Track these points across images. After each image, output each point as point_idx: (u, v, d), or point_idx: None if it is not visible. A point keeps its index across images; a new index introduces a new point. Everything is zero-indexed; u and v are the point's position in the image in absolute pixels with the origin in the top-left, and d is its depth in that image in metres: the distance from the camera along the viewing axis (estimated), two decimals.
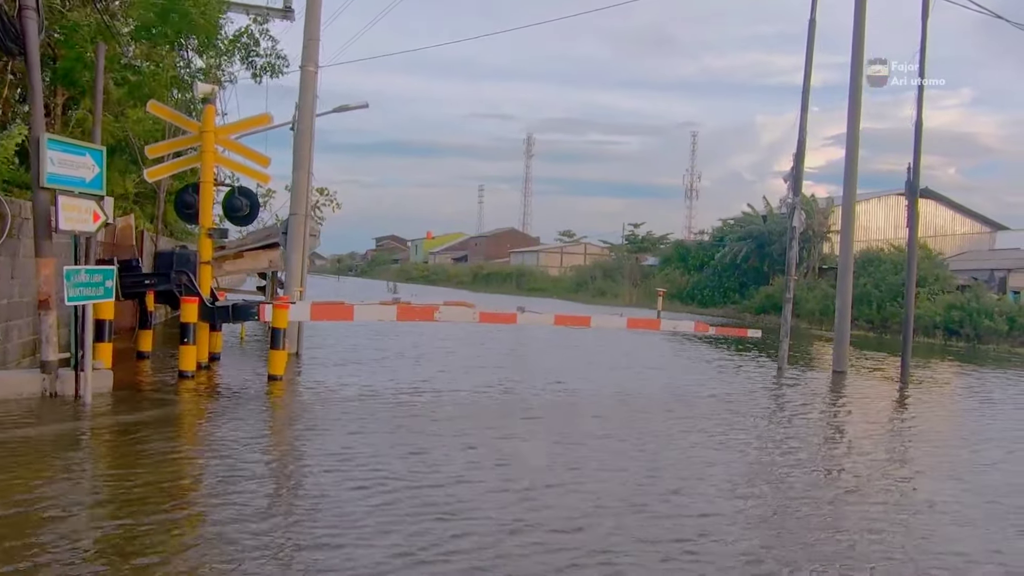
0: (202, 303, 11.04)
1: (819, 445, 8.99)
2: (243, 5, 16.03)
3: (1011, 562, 5.26)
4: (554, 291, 56.54)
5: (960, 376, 17.35)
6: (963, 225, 43.49)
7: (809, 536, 5.56)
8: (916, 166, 15.57)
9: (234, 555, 4.56)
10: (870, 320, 30.35)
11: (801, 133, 16.22)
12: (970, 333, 27.14)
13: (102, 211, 9.22)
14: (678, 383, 13.72)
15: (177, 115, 12.06)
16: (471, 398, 10.75)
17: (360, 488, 6.02)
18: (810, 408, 11.67)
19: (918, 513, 6.32)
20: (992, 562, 5.25)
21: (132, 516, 5.11)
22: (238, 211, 12.56)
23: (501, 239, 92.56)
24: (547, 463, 7.18)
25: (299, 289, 13.75)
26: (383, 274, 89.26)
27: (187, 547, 4.72)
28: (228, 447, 7.21)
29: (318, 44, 14.10)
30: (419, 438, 7.90)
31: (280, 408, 9.51)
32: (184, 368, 10.57)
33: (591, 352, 17.69)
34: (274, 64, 14.51)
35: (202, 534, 4.97)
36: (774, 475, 7.32)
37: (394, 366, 13.35)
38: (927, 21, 16.13)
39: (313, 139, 14.25)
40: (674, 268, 49.65)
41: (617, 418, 9.92)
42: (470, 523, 5.37)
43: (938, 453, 8.80)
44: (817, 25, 16.10)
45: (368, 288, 50.44)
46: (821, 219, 38.85)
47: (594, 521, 5.55)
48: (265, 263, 19.11)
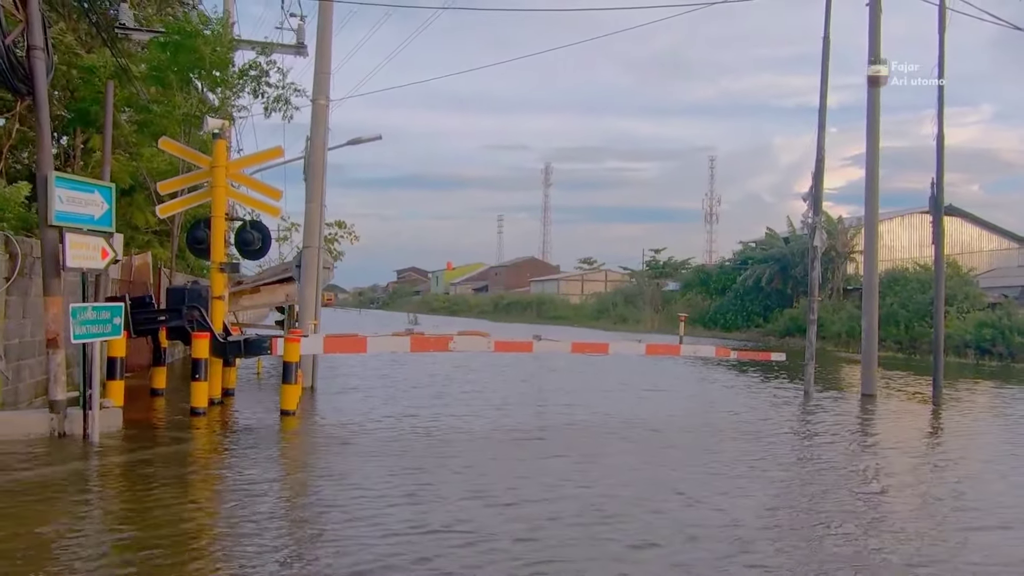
0: (214, 338, 10.93)
1: (848, 472, 8.59)
2: (255, 42, 16.19)
3: None
4: (575, 319, 56.17)
5: (996, 397, 16.74)
6: (990, 242, 42.66)
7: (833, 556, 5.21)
8: (940, 180, 15.22)
9: None
10: (898, 341, 29.65)
11: (819, 151, 15.95)
12: (1003, 351, 26.36)
13: (111, 248, 9.18)
14: (702, 410, 13.32)
15: (188, 150, 12.09)
16: (488, 433, 10.47)
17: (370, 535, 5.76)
18: (839, 435, 11.23)
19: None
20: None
21: (131, 563, 4.90)
22: (250, 245, 12.51)
23: (521, 268, 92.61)
24: (591, 503, 6.84)
25: (313, 322, 13.63)
26: (405, 306, 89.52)
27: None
28: (232, 487, 7.02)
29: (329, 78, 14.17)
30: (437, 485, 7.63)
31: (290, 447, 9.30)
32: (196, 405, 10.43)
33: (615, 379, 17.34)
34: (287, 97, 14.59)
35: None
36: (802, 508, 6.95)
37: (410, 398, 13.10)
38: (944, 35, 15.91)
39: (325, 172, 14.23)
40: (696, 293, 49.17)
41: (643, 446, 9.57)
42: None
43: (978, 486, 8.37)
44: (832, 44, 15.90)
45: (389, 320, 50.47)
46: (845, 239, 38.31)
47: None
48: (282, 297, 19.11)
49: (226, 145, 12.26)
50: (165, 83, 13.90)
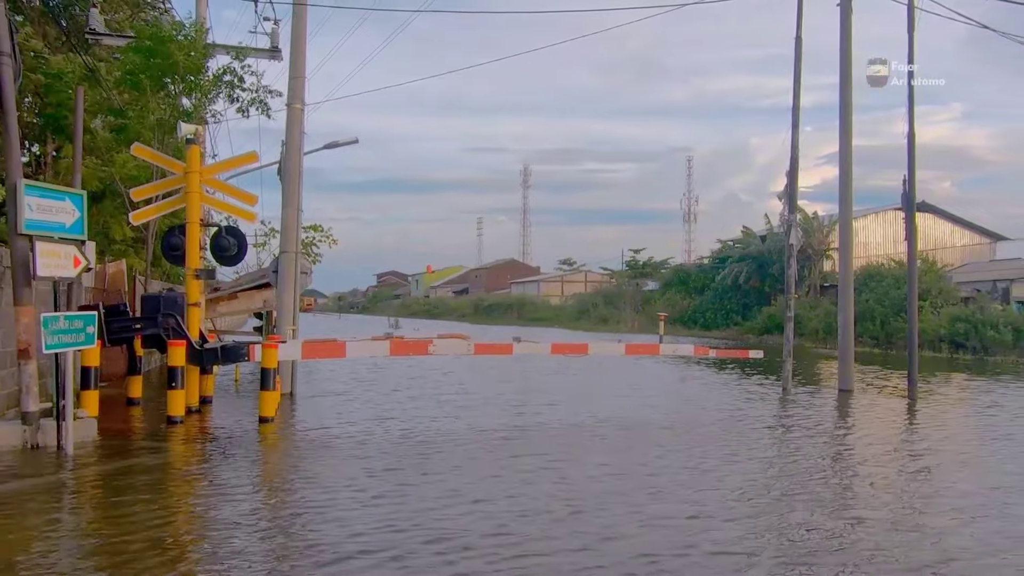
0: (190, 346, 10.82)
1: (826, 467, 8.68)
2: (229, 47, 16.05)
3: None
4: (556, 320, 56.27)
5: (969, 390, 17.01)
6: (962, 237, 43.35)
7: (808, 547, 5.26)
8: (911, 178, 15.42)
9: None
10: (874, 336, 30.04)
11: (793, 151, 16.13)
12: (976, 345, 26.81)
13: (83, 256, 9.05)
14: (682, 408, 13.40)
15: (161, 156, 11.96)
16: (466, 434, 10.45)
17: (351, 544, 5.73)
18: (816, 430, 11.34)
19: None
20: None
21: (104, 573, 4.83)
22: (226, 251, 12.38)
23: (501, 270, 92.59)
24: (570, 498, 6.88)
25: (292, 328, 13.54)
26: (385, 310, 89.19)
27: None
28: (210, 497, 6.94)
29: (304, 82, 14.07)
30: (417, 487, 7.61)
31: (269, 454, 9.22)
32: (172, 413, 10.30)
33: (596, 379, 17.38)
34: (262, 99, 14.46)
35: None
36: (781, 501, 7.02)
37: (390, 402, 13.05)
38: (913, 35, 16.12)
39: (302, 176, 14.14)
40: (675, 292, 49.51)
41: (620, 444, 9.61)
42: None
43: (952, 475, 8.50)
44: (804, 44, 16.08)
45: (370, 324, 50.17)
46: (820, 237, 38.76)
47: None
48: (260, 303, 18.95)
49: (200, 150, 12.14)
50: (139, 88, 13.75)
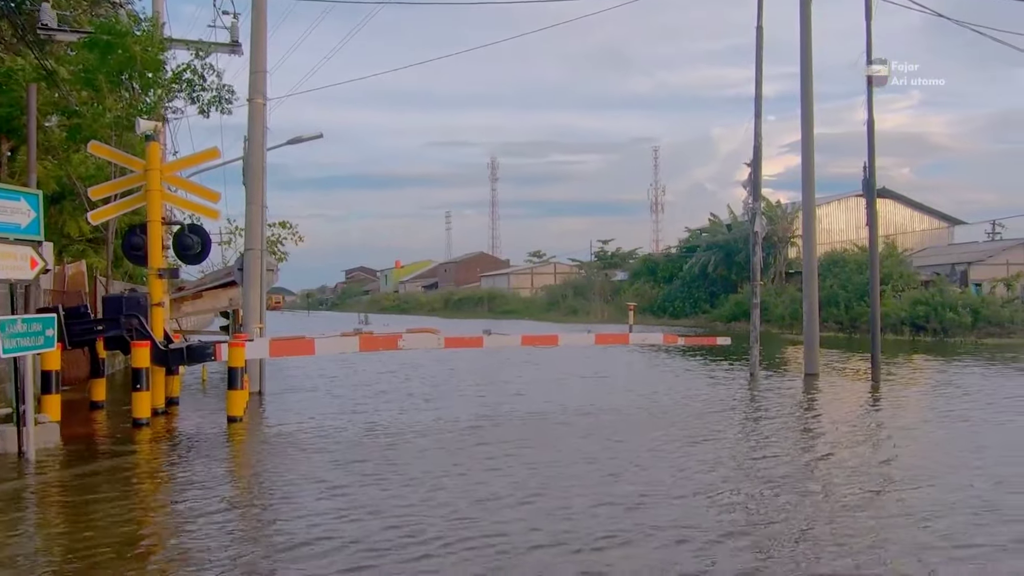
0: (154, 346, 10.64)
1: (791, 448, 8.84)
2: (188, 41, 15.75)
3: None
4: (526, 312, 56.39)
5: (928, 371, 17.44)
6: (921, 222, 44.31)
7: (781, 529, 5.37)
8: (871, 165, 15.70)
9: None
10: (839, 321, 30.60)
11: (757, 139, 16.32)
12: (936, 327, 27.47)
13: (40, 257, 8.82)
14: (650, 394, 13.52)
15: (119, 154, 11.70)
16: (434, 425, 10.44)
17: (321, 544, 5.70)
18: (783, 413, 11.54)
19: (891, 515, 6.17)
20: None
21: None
22: (189, 249, 12.18)
23: (471, 264, 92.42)
24: (544, 487, 6.91)
25: (259, 326, 13.39)
26: (355, 306, 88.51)
27: None
28: (177, 499, 6.86)
29: (265, 76, 13.89)
30: (382, 477, 7.59)
31: (237, 453, 9.12)
32: (138, 415, 10.12)
33: (566, 369, 17.47)
34: (222, 97, 14.20)
35: None
36: (750, 480, 7.14)
37: (359, 397, 12.99)
38: (871, 23, 16.39)
39: (265, 173, 13.96)
40: (644, 282, 49.92)
41: (595, 431, 9.68)
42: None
43: (910, 451, 8.71)
44: (765, 34, 16.26)
45: (339, 321, 49.74)
46: (785, 224, 39.32)
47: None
48: (225, 302, 18.74)
49: (160, 147, 11.92)
50: (95, 86, 13.42)
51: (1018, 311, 28.05)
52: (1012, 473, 7.45)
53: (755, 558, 5.13)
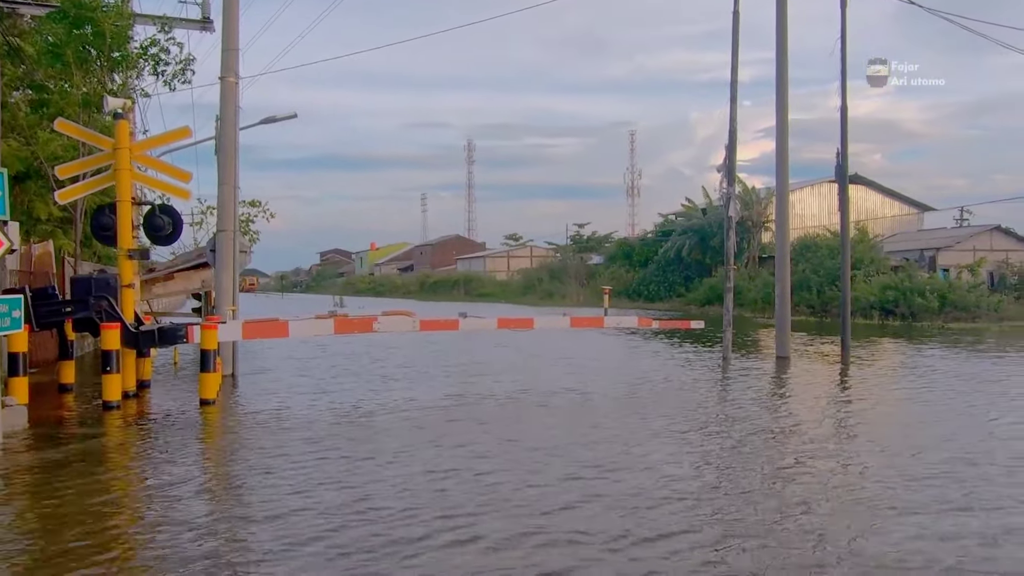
0: (125, 328, 10.49)
1: (760, 429, 8.98)
2: (156, 17, 15.41)
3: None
4: (502, 295, 56.43)
5: (896, 354, 17.78)
6: (892, 208, 44.93)
7: (744, 511, 5.47)
8: (844, 151, 15.88)
9: None
10: (811, 305, 31.01)
11: (732, 124, 16.40)
12: (905, 312, 27.96)
13: (6, 237, 8.63)
14: (623, 377, 13.64)
15: (87, 132, 11.47)
16: (406, 408, 10.44)
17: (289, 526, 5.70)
18: (754, 394, 11.71)
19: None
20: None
21: (40, 566, 4.70)
22: (160, 230, 12.01)
23: (447, 246, 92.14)
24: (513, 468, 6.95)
25: (231, 308, 13.25)
26: (329, 288, 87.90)
27: None
28: (148, 482, 6.81)
29: (238, 54, 13.64)
30: (353, 459, 7.59)
31: (209, 435, 9.06)
32: (108, 398, 9.99)
33: (542, 353, 17.54)
34: (184, 69, 13.93)
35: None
36: (720, 460, 7.25)
37: (334, 380, 12.94)
38: (845, 10, 16.51)
39: (238, 153, 13.74)
40: (619, 266, 50.14)
41: (570, 414, 9.75)
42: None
43: (875, 433, 8.90)
44: (741, 19, 16.29)
45: (314, 303, 49.35)
46: (759, 209, 39.67)
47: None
48: (198, 283, 18.51)
49: (129, 126, 11.69)
50: (63, 61, 13.09)
51: (983, 296, 28.65)
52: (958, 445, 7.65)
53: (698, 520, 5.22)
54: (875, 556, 4.86)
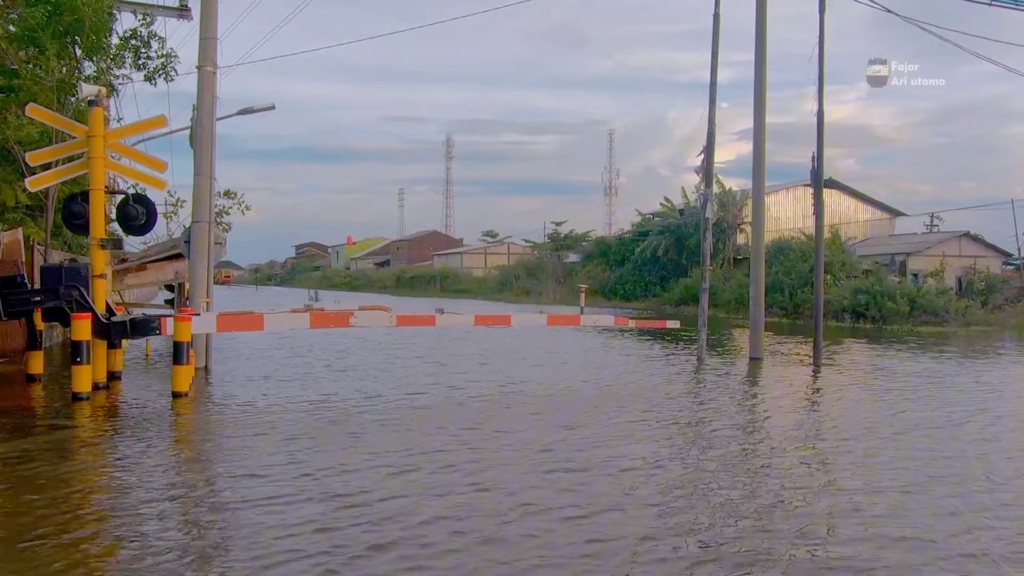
0: (96, 319, 10.34)
1: (732, 427, 9.09)
2: (134, 3, 15.20)
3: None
4: (479, 292, 56.41)
5: (866, 356, 18.07)
6: (864, 212, 45.58)
7: (711, 514, 5.55)
8: (820, 155, 16.08)
9: None
10: (783, 307, 31.39)
11: (710, 125, 16.54)
12: (875, 315, 28.41)
13: None
14: (597, 376, 13.72)
15: (60, 118, 11.27)
16: (376, 405, 10.43)
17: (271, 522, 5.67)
18: (727, 394, 11.84)
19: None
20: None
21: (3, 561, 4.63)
22: (134, 220, 11.84)
23: (424, 242, 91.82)
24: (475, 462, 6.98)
25: (205, 300, 13.12)
26: (305, 282, 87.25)
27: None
28: (118, 474, 6.73)
29: (215, 43, 13.49)
30: (323, 451, 7.57)
31: (182, 429, 8.96)
32: (78, 390, 9.85)
33: (517, 350, 17.58)
34: (166, 65, 13.73)
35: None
36: (689, 457, 7.34)
37: (307, 374, 12.86)
38: (824, 15, 16.71)
39: (215, 143, 13.60)
40: (596, 264, 50.32)
41: (550, 411, 9.79)
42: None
43: (841, 430, 9.06)
44: (721, 20, 16.45)
45: (289, 297, 49.02)
46: (735, 211, 40.03)
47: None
48: (171, 275, 18.27)
49: (104, 113, 11.51)
50: (38, 45, 12.84)
51: (951, 301, 29.18)
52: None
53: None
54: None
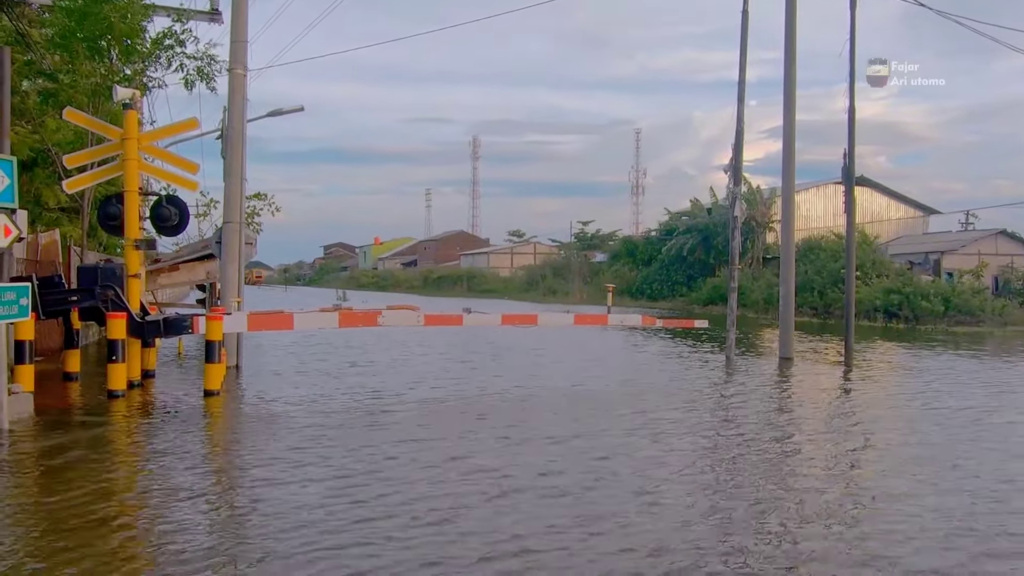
0: (130, 318, 10.53)
1: (761, 428, 8.99)
2: (167, 8, 15.42)
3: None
4: (505, 292, 56.45)
5: (899, 356, 17.76)
6: (897, 211, 44.82)
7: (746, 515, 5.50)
8: (851, 152, 15.85)
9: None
10: (813, 306, 30.99)
11: (739, 124, 16.37)
12: (908, 315, 27.93)
13: (14, 225, 8.67)
14: (627, 375, 13.66)
15: (96, 122, 11.49)
16: (407, 406, 10.48)
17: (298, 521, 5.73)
18: (756, 395, 11.71)
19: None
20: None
21: (42, 553, 4.74)
22: (167, 221, 12.03)
23: (450, 242, 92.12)
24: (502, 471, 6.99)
25: (236, 300, 13.29)
26: (333, 282, 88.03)
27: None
28: (152, 470, 6.85)
29: (246, 46, 13.68)
30: (352, 450, 7.63)
31: (213, 426, 9.10)
32: (113, 387, 10.04)
33: (546, 350, 17.57)
34: (206, 69, 13.86)
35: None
36: (725, 459, 7.27)
37: (337, 373, 12.98)
38: (855, 11, 16.46)
39: (245, 145, 13.79)
40: (623, 264, 50.11)
41: (575, 413, 9.77)
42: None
43: (876, 433, 8.92)
44: (750, 16, 16.26)
45: (317, 297, 49.51)
46: (764, 209, 39.59)
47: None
48: (202, 275, 18.54)
49: (138, 116, 11.70)
50: (71, 51, 13.09)
51: (987, 300, 28.59)
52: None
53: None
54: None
